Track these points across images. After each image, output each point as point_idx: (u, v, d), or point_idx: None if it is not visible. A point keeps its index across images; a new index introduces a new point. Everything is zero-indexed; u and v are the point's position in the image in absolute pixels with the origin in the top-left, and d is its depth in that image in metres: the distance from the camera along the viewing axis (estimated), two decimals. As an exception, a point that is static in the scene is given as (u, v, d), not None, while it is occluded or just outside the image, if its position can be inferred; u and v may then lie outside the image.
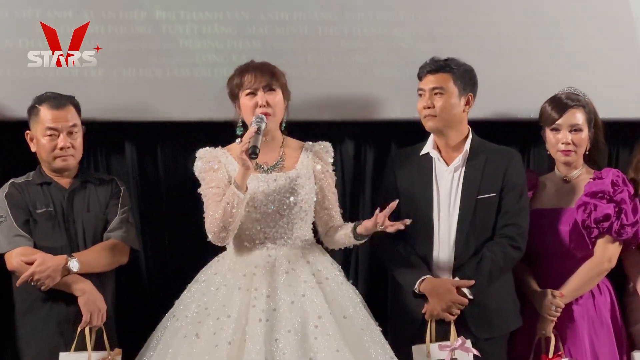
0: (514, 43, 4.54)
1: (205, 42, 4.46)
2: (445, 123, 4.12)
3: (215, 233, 3.86)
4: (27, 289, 3.97)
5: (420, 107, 4.13)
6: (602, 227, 4.15)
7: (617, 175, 4.21)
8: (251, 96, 3.97)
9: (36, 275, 3.91)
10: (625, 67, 4.56)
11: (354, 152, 4.62)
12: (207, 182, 3.97)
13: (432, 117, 4.10)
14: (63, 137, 4.06)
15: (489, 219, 4.12)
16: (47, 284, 3.93)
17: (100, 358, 3.91)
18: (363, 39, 4.50)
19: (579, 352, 4.15)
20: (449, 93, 4.11)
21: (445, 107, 4.10)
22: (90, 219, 4.09)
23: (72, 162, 4.11)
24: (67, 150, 4.06)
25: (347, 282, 3.99)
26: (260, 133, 3.82)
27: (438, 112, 4.09)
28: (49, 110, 4.06)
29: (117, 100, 4.41)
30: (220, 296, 3.88)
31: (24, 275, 3.92)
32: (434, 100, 4.09)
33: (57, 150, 4.06)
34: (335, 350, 3.71)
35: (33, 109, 4.10)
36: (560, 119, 4.21)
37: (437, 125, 4.11)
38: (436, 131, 4.14)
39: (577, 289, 4.18)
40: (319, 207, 4.05)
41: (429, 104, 4.10)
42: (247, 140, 3.79)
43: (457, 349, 3.99)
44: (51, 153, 4.07)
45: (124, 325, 4.17)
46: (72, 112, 4.09)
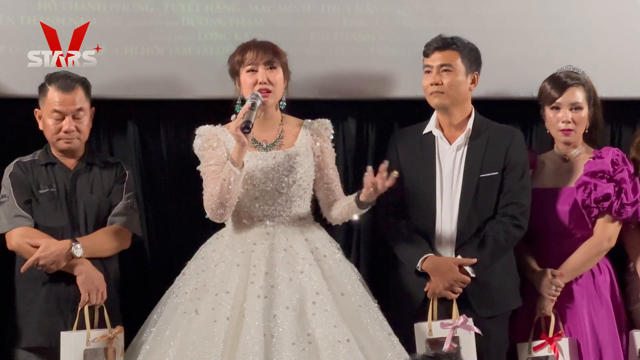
0: (516, 22, 4.52)
1: (208, 20, 4.44)
2: (452, 100, 4.12)
3: (213, 210, 3.89)
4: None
5: (426, 83, 4.12)
6: (602, 207, 4.15)
7: (617, 154, 4.20)
8: (252, 73, 3.98)
9: (41, 260, 3.93)
10: (628, 45, 4.54)
11: (356, 131, 4.61)
12: (206, 159, 3.99)
13: (439, 93, 4.10)
14: (68, 120, 4.05)
15: (491, 197, 4.12)
16: (52, 269, 3.95)
17: (100, 336, 3.92)
18: (365, 17, 4.48)
19: (578, 331, 4.17)
20: (456, 70, 4.11)
21: (453, 84, 4.10)
22: (93, 201, 4.09)
23: (77, 144, 4.11)
24: (72, 133, 4.06)
25: (346, 260, 4.02)
26: (254, 109, 3.83)
27: (445, 89, 4.09)
28: (56, 92, 4.05)
29: (119, 78, 4.40)
30: (219, 272, 3.91)
31: (29, 261, 3.93)
32: (441, 77, 4.09)
33: (61, 133, 4.06)
34: (332, 326, 3.75)
35: (43, 88, 4.09)
36: (560, 98, 4.20)
37: (443, 102, 4.11)
38: (442, 108, 4.14)
39: (577, 269, 4.18)
40: (320, 184, 4.06)
41: (436, 80, 4.09)
42: (241, 116, 3.80)
43: (459, 327, 4.00)
44: (55, 135, 4.07)
45: (129, 304, 4.18)
46: (80, 95, 4.07)
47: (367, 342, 3.79)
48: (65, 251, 3.95)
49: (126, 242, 4.13)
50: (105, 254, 4.07)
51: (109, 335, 3.93)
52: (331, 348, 3.70)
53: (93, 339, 3.90)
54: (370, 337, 3.81)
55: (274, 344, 3.71)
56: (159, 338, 3.84)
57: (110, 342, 3.92)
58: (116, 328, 3.96)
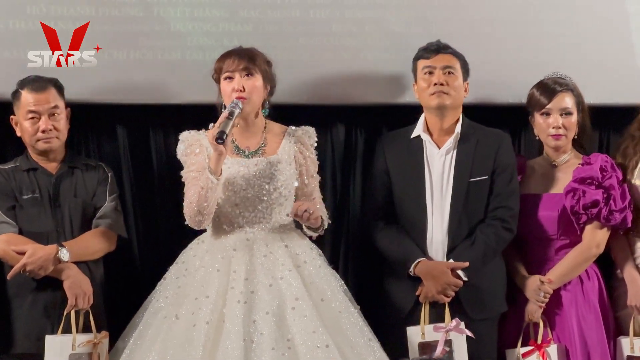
0: (505, 27, 4.52)
1: (197, 24, 4.44)
2: (454, 102, 4.14)
3: (191, 217, 3.91)
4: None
5: (427, 84, 4.12)
6: (590, 213, 4.14)
7: (606, 160, 4.20)
8: (229, 80, 3.99)
9: (28, 266, 3.92)
10: (617, 52, 4.54)
11: (345, 136, 4.60)
12: (187, 165, 4.01)
13: (444, 93, 4.11)
14: (45, 119, 4.06)
15: (481, 201, 4.14)
16: (40, 275, 3.95)
17: (86, 341, 3.92)
18: (355, 22, 4.48)
19: (567, 338, 4.16)
20: (457, 74, 4.14)
21: (458, 87, 4.14)
22: (77, 205, 4.10)
23: (56, 144, 4.11)
24: (50, 132, 4.07)
25: (327, 266, 4.01)
26: (232, 118, 3.84)
27: (449, 90, 4.11)
28: (29, 94, 4.07)
29: (108, 82, 4.40)
30: (199, 277, 3.92)
31: (16, 268, 3.93)
32: (446, 78, 4.10)
33: (39, 133, 4.07)
34: (311, 332, 3.75)
35: (16, 93, 4.11)
36: (550, 104, 4.20)
37: (445, 103, 4.12)
38: (442, 109, 4.14)
39: (565, 275, 4.18)
40: (299, 193, 4.05)
41: (441, 80, 4.10)
42: (217, 126, 3.81)
43: (452, 330, 4.02)
44: (34, 136, 4.08)
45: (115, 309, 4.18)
46: (53, 94, 4.08)
47: (347, 348, 3.79)
48: (52, 256, 3.94)
49: (112, 245, 4.14)
50: (92, 257, 4.08)
51: (94, 341, 3.92)
52: (310, 353, 3.70)
53: (79, 343, 3.89)
54: (350, 342, 3.81)
55: (253, 349, 3.71)
56: (140, 342, 3.84)
57: (95, 347, 3.91)
58: (101, 333, 3.95)
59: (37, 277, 3.95)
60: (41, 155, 4.13)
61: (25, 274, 3.94)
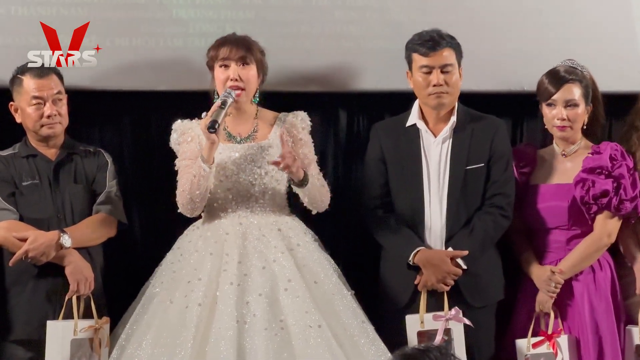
0: (507, 15, 4.51)
1: (199, 11, 4.44)
2: (453, 98, 4.14)
3: (184, 205, 3.95)
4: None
5: (425, 83, 4.09)
6: (600, 203, 4.12)
7: (616, 149, 4.17)
8: (224, 69, 4.01)
9: (31, 252, 3.93)
10: (619, 39, 4.53)
11: (347, 123, 4.61)
12: (180, 154, 4.05)
13: (445, 94, 4.09)
14: (49, 105, 4.06)
15: (478, 189, 4.14)
16: (42, 261, 3.95)
17: (87, 326, 3.93)
18: (357, 9, 4.48)
19: (579, 328, 4.16)
20: (455, 68, 4.11)
21: (456, 84, 4.12)
22: (77, 191, 4.10)
23: (59, 129, 4.11)
24: (54, 117, 4.07)
25: (320, 250, 4.03)
26: (224, 107, 3.86)
27: (449, 90, 4.09)
28: (32, 79, 4.06)
29: (110, 69, 4.40)
30: (193, 261, 3.94)
31: (18, 254, 3.94)
32: (445, 77, 4.07)
33: (44, 119, 4.06)
34: (304, 312, 3.78)
35: (16, 79, 4.09)
36: (555, 94, 4.16)
37: (447, 102, 4.11)
38: (441, 107, 4.12)
39: (576, 265, 4.16)
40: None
41: (440, 81, 4.07)
42: (209, 115, 3.83)
43: (452, 319, 4.02)
44: (38, 122, 4.07)
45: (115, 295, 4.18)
46: (55, 80, 4.08)
47: (340, 329, 3.82)
48: (54, 242, 3.95)
49: (112, 230, 4.15)
50: (92, 243, 4.09)
51: (95, 326, 3.94)
52: (302, 333, 3.73)
53: (80, 329, 3.91)
54: (343, 324, 3.84)
55: (246, 329, 3.74)
56: (135, 327, 3.87)
57: (96, 333, 3.93)
58: (102, 318, 3.97)
59: (38, 263, 3.96)
60: (41, 142, 4.13)
61: (27, 260, 3.95)
